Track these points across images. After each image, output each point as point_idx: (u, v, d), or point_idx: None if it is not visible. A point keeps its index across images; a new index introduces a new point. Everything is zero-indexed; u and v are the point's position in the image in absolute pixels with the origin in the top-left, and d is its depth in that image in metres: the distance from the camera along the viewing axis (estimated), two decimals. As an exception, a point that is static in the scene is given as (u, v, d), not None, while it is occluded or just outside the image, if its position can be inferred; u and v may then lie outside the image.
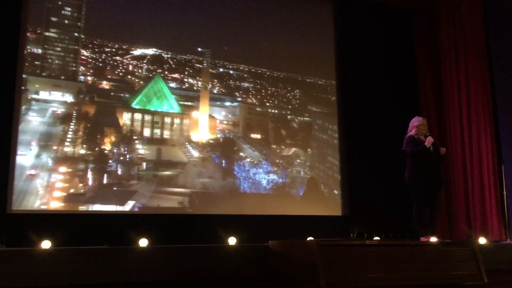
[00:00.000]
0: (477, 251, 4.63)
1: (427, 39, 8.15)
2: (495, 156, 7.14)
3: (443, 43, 7.85)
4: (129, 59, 6.79)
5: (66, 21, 6.52)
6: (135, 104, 6.72)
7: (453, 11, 7.75)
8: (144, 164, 6.59)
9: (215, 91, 7.28)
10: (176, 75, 7.05)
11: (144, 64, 6.86)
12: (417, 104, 7.99)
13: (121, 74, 6.74)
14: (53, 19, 6.45)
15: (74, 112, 6.34)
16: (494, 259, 5.38)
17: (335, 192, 7.64)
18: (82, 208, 6.17)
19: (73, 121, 6.31)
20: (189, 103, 7.08)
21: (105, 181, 6.33)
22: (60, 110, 6.27)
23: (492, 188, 7.03)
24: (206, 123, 7.11)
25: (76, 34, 6.54)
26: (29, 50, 6.25)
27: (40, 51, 6.32)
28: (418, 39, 8.19)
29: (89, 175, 6.26)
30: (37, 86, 6.24)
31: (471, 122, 7.31)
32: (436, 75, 7.99)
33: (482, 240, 6.15)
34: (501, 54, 7.12)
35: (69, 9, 6.54)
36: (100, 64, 6.62)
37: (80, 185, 6.19)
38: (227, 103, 7.33)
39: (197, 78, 7.18)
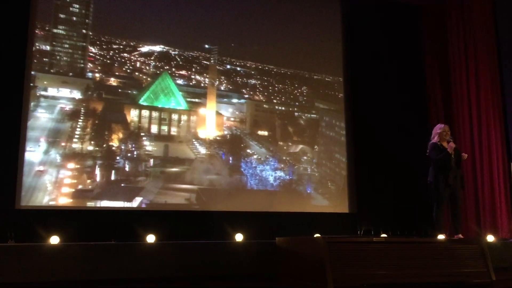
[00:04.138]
0: (485, 249, 4.59)
1: (436, 37, 8.07)
2: (504, 154, 7.10)
3: (452, 41, 7.77)
4: (136, 56, 6.81)
5: (74, 18, 6.55)
6: (142, 101, 6.74)
7: (463, 8, 7.67)
8: (152, 160, 6.62)
9: (222, 88, 7.28)
10: (183, 72, 7.06)
11: (152, 61, 6.88)
12: (425, 102, 7.93)
13: (128, 71, 6.75)
14: (61, 16, 6.48)
15: (82, 108, 6.37)
16: (503, 256, 5.35)
17: (342, 189, 7.61)
18: (90, 204, 6.20)
19: (81, 117, 6.35)
20: (196, 100, 7.09)
21: (113, 177, 6.36)
22: (68, 106, 6.31)
23: (501, 186, 6.99)
24: (213, 120, 7.12)
25: (84, 31, 6.57)
26: (37, 47, 6.29)
27: (48, 48, 6.36)
28: (427, 37, 8.12)
29: (97, 171, 6.29)
30: (45, 82, 6.28)
31: (481, 120, 7.26)
32: (445, 73, 7.91)
33: (490, 238, 6.12)
34: (511, 52, 7.05)
35: (77, 6, 6.56)
36: (108, 61, 6.65)
37: (88, 181, 6.23)
38: (234, 100, 7.33)
39: (204, 74, 7.19)
